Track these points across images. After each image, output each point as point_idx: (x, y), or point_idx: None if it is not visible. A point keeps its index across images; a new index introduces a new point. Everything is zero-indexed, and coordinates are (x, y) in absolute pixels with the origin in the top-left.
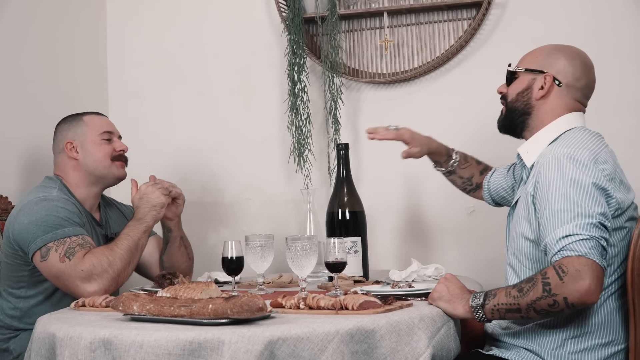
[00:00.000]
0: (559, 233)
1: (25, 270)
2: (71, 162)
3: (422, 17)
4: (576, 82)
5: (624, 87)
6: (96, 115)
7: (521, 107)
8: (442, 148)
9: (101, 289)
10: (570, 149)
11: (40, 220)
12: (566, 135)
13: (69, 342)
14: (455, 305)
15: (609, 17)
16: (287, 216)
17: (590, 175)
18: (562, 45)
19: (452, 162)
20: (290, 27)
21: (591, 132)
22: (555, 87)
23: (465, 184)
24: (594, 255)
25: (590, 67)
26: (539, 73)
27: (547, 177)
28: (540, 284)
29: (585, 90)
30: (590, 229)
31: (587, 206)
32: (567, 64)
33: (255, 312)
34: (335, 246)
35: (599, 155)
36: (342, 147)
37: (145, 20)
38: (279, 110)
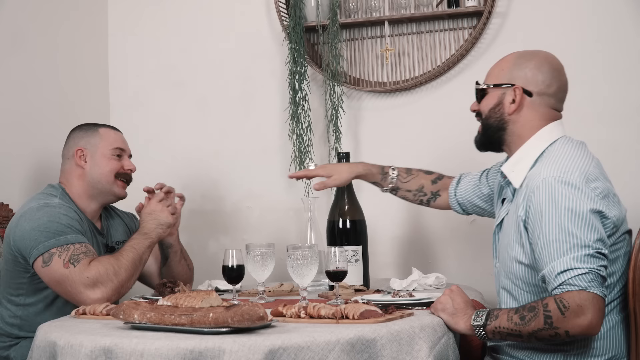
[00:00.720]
0: (557, 267)
1: (24, 277)
2: (77, 171)
3: (423, 26)
4: (547, 88)
5: (625, 96)
6: (112, 129)
7: (495, 124)
8: (374, 168)
9: (104, 298)
10: (560, 171)
11: (43, 226)
12: (551, 151)
13: (69, 351)
14: (458, 320)
15: (610, 25)
16: (287, 225)
17: (584, 200)
18: (527, 52)
19: (390, 179)
20: (292, 36)
21: (574, 143)
22: (527, 98)
23: (417, 196)
24: (594, 287)
25: (559, 69)
26: (507, 86)
27: (539, 204)
28: (542, 315)
29: (559, 95)
30: (588, 260)
31: (584, 236)
32: (535, 72)
33: (255, 321)
34: (336, 255)
35: (589, 172)
36: (343, 156)
37: (147, 28)
38: (279, 118)
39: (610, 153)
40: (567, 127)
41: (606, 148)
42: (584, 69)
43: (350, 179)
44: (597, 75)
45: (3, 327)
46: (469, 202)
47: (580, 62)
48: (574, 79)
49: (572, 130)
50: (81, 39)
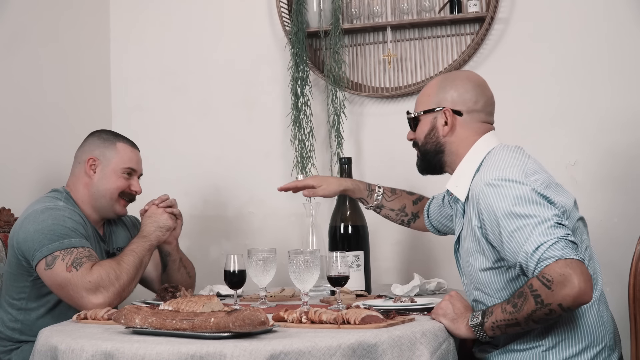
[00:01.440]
0: (528, 249)
1: (27, 280)
2: (85, 178)
3: (425, 31)
4: (475, 104)
5: (626, 104)
6: (130, 146)
7: (433, 148)
8: (361, 185)
9: (106, 302)
10: (498, 172)
11: (47, 228)
12: (488, 159)
13: (70, 355)
14: (458, 325)
15: (612, 31)
16: (289, 230)
17: (527, 188)
18: (448, 75)
19: (375, 196)
20: (294, 41)
21: (510, 147)
22: (458, 118)
23: (399, 215)
24: (569, 252)
25: (482, 85)
26: (438, 110)
27: (488, 205)
28: (531, 297)
29: (487, 109)
30: (553, 232)
31: (540, 213)
32: (460, 92)
33: (257, 326)
34: (337, 260)
35: (527, 168)
36: (344, 161)
37: (149, 33)
38: (282, 123)
39: (611, 158)
40: (568, 129)
41: (608, 153)
42: (585, 75)
43: (338, 191)
44: (598, 80)
45: (4, 331)
46: (440, 223)
47: (582, 68)
48: (575, 84)
49: (573, 133)
50: (83, 45)
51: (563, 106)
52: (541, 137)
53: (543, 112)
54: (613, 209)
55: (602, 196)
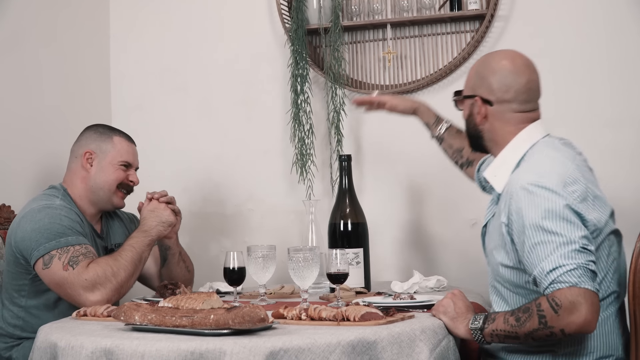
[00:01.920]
0: (545, 267)
1: (26, 278)
2: (82, 172)
3: (425, 29)
4: (505, 94)
5: (626, 102)
6: (127, 140)
7: (473, 132)
8: (432, 112)
9: (104, 299)
10: (536, 176)
11: (44, 227)
12: (531, 155)
13: (70, 352)
14: (458, 324)
15: (613, 28)
16: (289, 227)
17: (561, 200)
18: (487, 57)
19: (439, 128)
20: (294, 39)
21: (555, 144)
22: (489, 108)
23: (455, 155)
24: (585, 282)
25: (516, 70)
26: (471, 97)
27: (518, 209)
28: (536, 316)
29: (520, 97)
30: (575, 256)
31: (567, 233)
32: (492, 80)
33: (256, 323)
34: (337, 257)
35: (567, 175)
36: (344, 159)
37: (149, 31)
38: (281, 121)
39: (611, 156)
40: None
41: (609, 150)
42: (585, 72)
43: (412, 108)
44: (599, 77)
45: (5, 327)
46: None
47: (582, 65)
48: (576, 81)
49: (573, 133)
50: (83, 43)
51: (562, 104)
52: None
53: (543, 109)
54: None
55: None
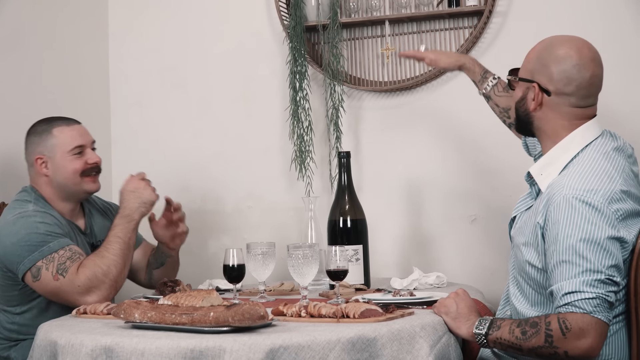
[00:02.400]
0: (565, 287)
1: (16, 289)
2: (42, 178)
3: (423, 25)
4: (565, 87)
5: (625, 96)
6: (67, 126)
7: (523, 117)
8: (477, 67)
9: (101, 299)
10: (582, 189)
11: (23, 240)
12: (581, 159)
13: (70, 350)
14: (460, 325)
15: (612, 25)
16: (288, 224)
17: (603, 224)
18: (554, 41)
19: (485, 85)
20: (292, 35)
21: (606, 151)
22: (546, 97)
23: (502, 114)
24: (600, 312)
25: (584, 62)
26: (529, 82)
27: (557, 221)
28: (543, 333)
29: (581, 92)
30: (597, 285)
31: (597, 261)
32: (554, 69)
33: (256, 320)
34: (336, 254)
35: (614, 191)
36: (343, 155)
37: (147, 28)
38: (280, 118)
39: None
40: None
41: None
42: None
43: (456, 64)
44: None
45: (2, 331)
46: (532, 146)
47: None
48: None
49: None
50: (82, 41)
51: None
52: None
53: None
54: None
55: None
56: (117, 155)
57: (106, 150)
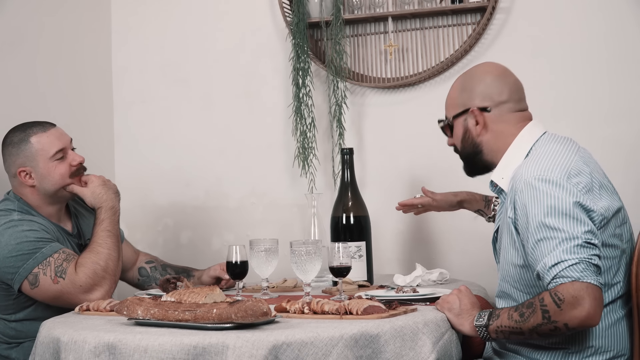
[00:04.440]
0: (548, 262)
1: (10, 299)
2: (27, 188)
3: (426, 22)
4: (500, 96)
5: (627, 92)
6: (43, 132)
7: (471, 150)
8: (477, 195)
9: (104, 295)
10: (540, 170)
11: (14, 251)
12: (535, 150)
13: (73, 347)
14: (463, 321)
15: (614, 21)
16: (291, 221)
17: (566, 194)
18: (466, 74)
19: (492, 206)
20: (295, 32)
21: (557, 138)
22: (487, 115)
23: None
24: (588, 276)
25: (502, 73)
26: (465, 113)
27: (523, 205)
28: (539, 311)
29: (514, 96)
30: (577, 251)
31: (570, 229)
32: (481, 88)
33: (259, 317)
34: (339, 251)
35: (571, 167)
36: (346, 152)
37: (150, 25)
38: (283, 114)
39: (612, 149)
40: (567, 121)
41: (609, 144)
42: (586, 64)
43: (455, 202)
44: (601, 70)
45: (1, 336)
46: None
47: (583, 57)
48: (576, 74)
49: (576, 127)
50: (84, 37)
51: (565, 96)
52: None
53: (543, 102)
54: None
55: None
56: (120, 153)
57: (109, 148)
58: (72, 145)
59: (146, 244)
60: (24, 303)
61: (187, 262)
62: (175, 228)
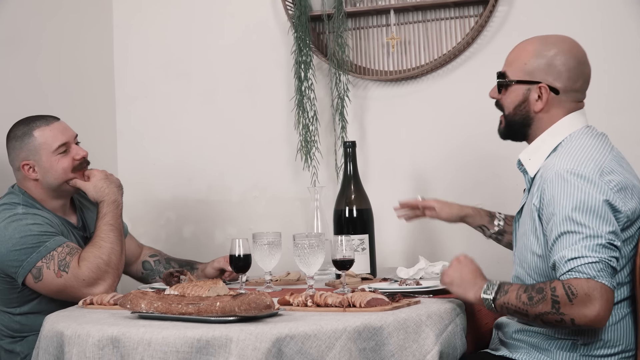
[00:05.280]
0: (567, 254)
1: (15, 292)
2: (31, 182)
3: (428, 14)
4: (574, 84)
5: (632, 83)
6: (46, 125)
7: (521, 120)
8: (482, 211)
9: (107, 289)
10: (573, 163)
11: (18, 244)
12: (568, 142)
13: (77, 340)
14: (466, 290)
15: (617, 11)
16: (294, 214)
17: (596, 192)
18: (550, 41)
19: (497, 222)
20: (297, 25)
21: (594, 134)
22: (553, 96)
23: None
24: (603, 277)
25: (583, 60)
26: (532, 84)
27: (552, 196)
28: (550, 299)
29: (584, 86)
30: (599, 250)
31: (596, 227)
32: (561, 69)
33: (262, 310)
34: (342, 244)
35: (604, 164)
36: (349, 145)
37: (152, 20)
38: (285, 108)
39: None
40: None
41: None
42: (590, 56)
43: (459, 215)
44: (604, 60)
45: (5, 330)
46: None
47: (587, 49)
48: None
49: None
50: (86, 32)
51: None
52: None
53: None
54: None
55: None
56: (123, 147)
57: (112, 143)
58: (77, 140)
59: (149, 238)
60: (28, 296)
61: (190, 256)
62: (178, 222)
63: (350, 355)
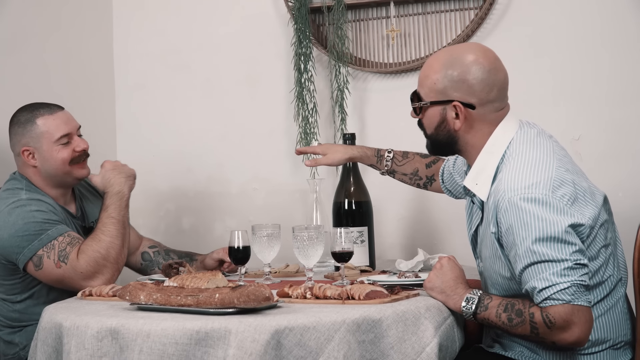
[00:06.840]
0: (538, 284)
1: (16, 278)
2: (30, 168)
3: (428, 6)
4: (488, 95)
5: (631, 76)
6: (50, 114)
7: (445, 139)
8: (369, 151)
9: (105, 282)
10: (522, 184)
11: (21, 230)
12: (510, 156)
13: (75, 332)
14: (447, 299)
15: (618, 3)
16: (293, 206)
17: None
18: (453, 54)
19: (385, 162)
20: (297, 17)
21: (531, 140)
22: (471, 111)
23: (413, 179)
24: (579, 298)
25: (493, 68)
26: (446, 103)
27: (509, 226)
28: (528, 325)
29: (501, 93)
30: (568, 273)
31: (560, 253)
32: (471, 83)
33: (261, 302)
34: (341, 236)
35: (553, 175)
36: (348, 137)
37: (152, 11)
38: (285, 100)
39: (616, 132)
40: (570, 105)
41: (612, 127)
42: (590, 49)
43: (343, 159)
44: (603, 54)
45: (4, 321)
46: (455, 190)
47: (586, 41)
48: (579, 58)
49: (579, 109)
50: (86, 23)
51: (567, 80)
52: (545, 111)
53: (546, 86)
54: (617, 184)
55: (606, 171)
56: (122, 138)
57: (111, 133)
58: (79, 132)
59: (148, 229)
60: (30, 283)
61: (189, 247)
62: (177, 213)
63: (349, 347)
